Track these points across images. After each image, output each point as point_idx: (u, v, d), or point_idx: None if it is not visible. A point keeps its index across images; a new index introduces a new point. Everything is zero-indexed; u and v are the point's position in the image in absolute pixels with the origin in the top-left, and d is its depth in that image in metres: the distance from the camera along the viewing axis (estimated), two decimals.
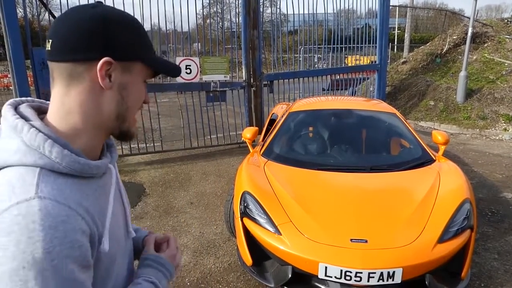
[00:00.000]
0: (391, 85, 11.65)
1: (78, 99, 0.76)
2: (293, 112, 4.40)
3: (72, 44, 0.73)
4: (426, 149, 3.81)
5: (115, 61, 0.75)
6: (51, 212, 0.66)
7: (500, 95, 9.14)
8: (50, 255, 0.63)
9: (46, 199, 0.66)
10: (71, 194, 0.71)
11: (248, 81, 7.18)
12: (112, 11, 0.78)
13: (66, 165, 0.72)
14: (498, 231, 3.99)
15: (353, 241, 2.61)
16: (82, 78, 0.75)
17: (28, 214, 0.64)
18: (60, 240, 0.65)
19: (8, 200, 0.65)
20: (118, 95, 0.79)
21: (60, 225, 0.66)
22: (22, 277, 0.62)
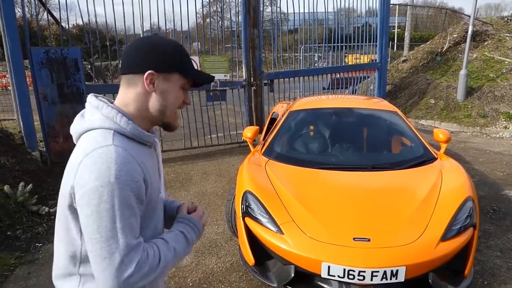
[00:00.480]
0: (391, 83, 11.64)
1: (133, 96, 1.14)
2: (294, 111, 4.38)
3: (132, 62, 1.13)
4: (427, 147, 3.79)
5: (157, 73, 1.12)
6: (121, 154, 1.01)
7: (500, 93, 9.12)
8: (119, 180, 0.98)
9: (119, 147, 1.03)
10: (133, 149, 1.07)
11: (248, 80, 7.16)
12: (160, 39, 1.19)
13: (129, 131, 1.09)
14: (500, 228, 3.98)
15: (356, 240, 2.60)
16: (137, 84, 1.13)
17: (108, 152, 1.00)
18: (126, 172, 1.00)
19: (95, 145, 1.02)
20: (160, 97, 1.14)
21: (127, 163, 1.01)
22: (100, 192, 0.97)
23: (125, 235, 1.00)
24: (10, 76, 5.45)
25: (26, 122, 5.52)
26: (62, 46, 5.72)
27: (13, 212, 4.04)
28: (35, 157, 5.42)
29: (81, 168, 1.00)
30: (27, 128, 5.54)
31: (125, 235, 1.00)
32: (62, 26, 6.02)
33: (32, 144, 5.56)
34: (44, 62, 5.36)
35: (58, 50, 5.46)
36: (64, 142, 5.62)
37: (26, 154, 5.39)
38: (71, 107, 5.58)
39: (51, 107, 5.51)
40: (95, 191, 0.97)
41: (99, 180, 0.97)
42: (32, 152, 5.48)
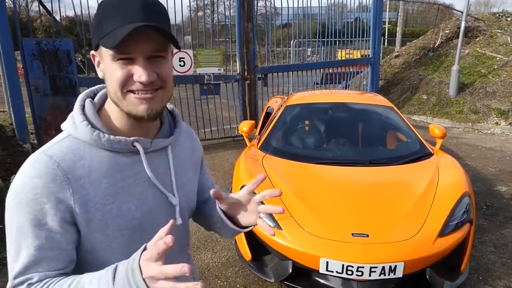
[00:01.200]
0: (384, 78, 11.67)
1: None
2: (290, 105, 4.36)
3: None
4: (423, 143, 3.80)
5: (95, 51, 0.87)
6: (36, 165, 0.83)
7: (492, 89, 9.21)
8: (16, 199, 0.82)
9: (44, 155, 0.84)
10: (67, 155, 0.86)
11: (242, 74, 7.12)
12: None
13: (83, 135, 0.87)
14: (493, 224, 4.02)
15: (354, 235, 2.59)
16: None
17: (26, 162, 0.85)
18: (29, 190, 0.81)
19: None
20: (106, 81, 0.87)
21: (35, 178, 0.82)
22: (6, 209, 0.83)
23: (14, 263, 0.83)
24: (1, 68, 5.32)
25: (17, 114, 5.42)
26: (54, 38, 5.61)
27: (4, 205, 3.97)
28: (27, 149, 5.32)
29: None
30: (19, 120, 5.44)
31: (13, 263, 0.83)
32: (54, 17, 5.89)
33: (23, 136, 5.46)
34: (36, 54, 5.25)
35: (50, 42, 5.35)
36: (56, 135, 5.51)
37: (17, 146, 5.29)
38: (64, 99, 5.48)
39: (43, 99, 5.40)
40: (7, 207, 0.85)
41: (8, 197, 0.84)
42: (23, 145, 5.38)
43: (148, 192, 0.93)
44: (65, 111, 5.55)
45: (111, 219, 0.86)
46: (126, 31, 0.76)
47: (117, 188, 0.87)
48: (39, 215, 0.80)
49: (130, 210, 0.89)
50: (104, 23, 0.81)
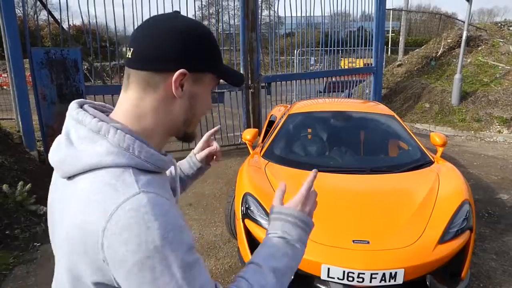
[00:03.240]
0: (386, 87, 11.74)
1: (152, 104, 0.81)
2: (293, 114, 4.42)
3: (153, 55, 0.78)
4: (424, 151, 3.85)
5: (189, 73, 0.80)
6: (158, 203, 0.71)
7: (494, 97, 9.25)
8: (167, 240, 0.69)
9: (149, 193, 0.72)
10: (160, 188, 0.77)
11: (246, 82, 7.20)
12: (189, 23, 0.83)
13: (152, 163, 0.78)
14: (495, 232, 4.04)
15: (355, 242, 2.64)
16: (158, 86, 0.80)
17: (141, 207, 0.69)
18: (172, 226, 0.71)
19: (116, 199, 0.70)
20: (188, 103, 0.83)
21: (168, 213, 0.72)
22: (149, 266, 0.68)
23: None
24: (9, 76, 5.43)
25: (25, 122, 5.52)
26: (62, 47, 5.73)
27: (11, 212, 4.04)
28: (33, 156, 5.41)
29: (110, 239, 0.69)
30: (26, 128, 5.54)
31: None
32: (62, 26, 6.02)
33: (30, 143, 5.56)
34: (44, 62, 5.36)
35: (58, 51, 5.46)
36: None
37: (24, 153, 5.38)
38: None
39: (50, 107, 5.51)
40: (142, 266, 0.68)
41: (141, 251, 0.68)
42: (30, 152, 5.47)
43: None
44: None
45: None
46: (239, 78, 0.93)
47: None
48: (189, 241, 0.75)
49: None
50: (218, 57, 0.87)
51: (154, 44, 0.79)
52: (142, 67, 0.79)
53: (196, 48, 0.81)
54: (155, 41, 0.79)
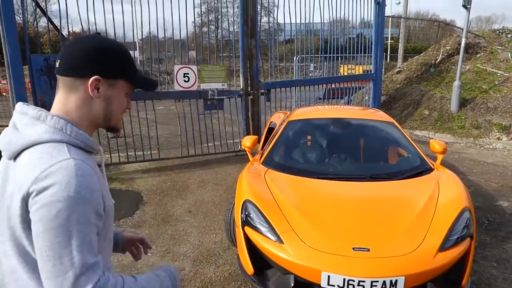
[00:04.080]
0: (386, 94, 11.77)
1: (76, 103, 1.05)
2: (292, 120, 4.42)
3: (73, 65, 1.04)
4: (424, 158, 3.84)
5: (103, 79, 1.04)
6: (81, 167, 0.94)
7: (493, 104, 9.27)
8: (79, 195, 0.91)
9: (77, 160, 0.95)
10: (87, 160, 1.00)
11: (245, 89, 7.21)
12: (104, 42, 1.09)
13: (81, 141, 1.02)
14: (495, 239, 4.02)
15: (355, 249, 2.62)
16: (78, 89, 1.04)
17: (68, 166, 0.93)
18: (86, 187, 0.93)
19: (50, 160, 0.93)
20: (105, 103, 1.08)
21: (87, 176, 0.94)
22: (56, 207, 0.89)
23: (81, 253, 0.91)
24: (9, 82, 5.43)
25: None
26: None
27: None
28: None
29: (37, 184, 0.90)
30: None
31: (81, 253, 0.91)
32: (62, 33, 6.03)
33: None
34: (44, 69, 5.37)
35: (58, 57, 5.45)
36: None
37: None
38: None
39: None
40: (51, 206, 0.89)
41: (57, 195, 0.89)
42: None
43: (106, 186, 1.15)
44: None
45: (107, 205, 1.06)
46: (152, 83, 1.19)
47: (102, 181, 1.07)
48: (97, 207, 0.97)
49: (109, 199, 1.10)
50: (133, 67, 1.12)
51: (75, 56, 1.04)
52: (67, 74, 1.04)
53: (109, 59, 1.06)
54: (76, 54, 1.04)
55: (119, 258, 3.57)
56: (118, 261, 3.46)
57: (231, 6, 7.86)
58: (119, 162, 6.42)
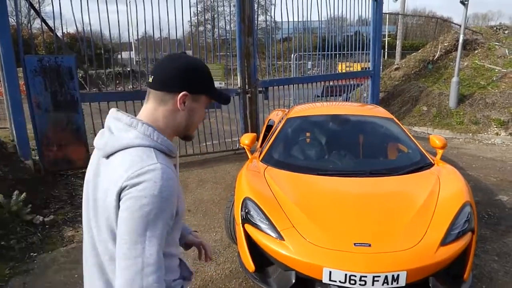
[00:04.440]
0: (384, 91, 11.76)
1: (163, 113, 1.21)
2: (291, 118, 4.40)
3: (165, 81, 1.20)
4: (424, 153, 3.83)
5: (189, 94, 1.20)
6: (166, 172, 1.09)
7: (491, 100, 9.26)
8: (161, 195, 1.06)
9: (163, 165, 1.10)
10: (170, 165, 1.15)
11: (243, 87, 7.19)
12: (191, 61, 1.25)
13: (165, 147, 1.17)
14: (495, 233, 4.01)
15: (356, 245, 2.60)
16: (168, 102, 1.20)
17: (156, 169, 1.08)
18: (168, 189, 1.07)
19: (141, 163, 1.09)
20: (188, 114, 1.23)
21: (169, 181, 1.08)
22: (141, 201, 1.04)
23: (153, 245, 1.05)
24: (3, 84, 5.38)
25: (19, 131, 5.44)
26: (56, 54, 5.69)
27: (7, 222, 3.98)
28: (28, 165, 5.35)
29: (129, 181, 1.07)
30: (20, 137, 5.47)
31: (152, 245, 1.05)
32: (56, 34, 5.99)
33: (25, 152, 5.49)
34: (38, 70, 5.32)
35: (52, 58, 5.42)
36: (58, 151, 5.56)
37: (19, 163, 5.32)
38: (65, 116, 5.53)
39: (44, 115, 5.45)
40: (138, 199, 1.05)
41: (144, 192, 1.05)
42: (25, 161, 5.41)
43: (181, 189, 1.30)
44: (67, 127, 5.60)
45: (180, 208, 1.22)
46: (226, 98, 1.34)
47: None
48: (173, 209, 1.12)
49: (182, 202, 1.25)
50: (212, 84, 1.28)
51: (167, 74, 1.20)
52: (159, 89, 1.20)
53: (195, 78, 1.22)
54: (167, 72, 1.20)
55: None
56: None
57: (227, 5, 7.85)
58: None
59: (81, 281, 3.20)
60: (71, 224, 4.30)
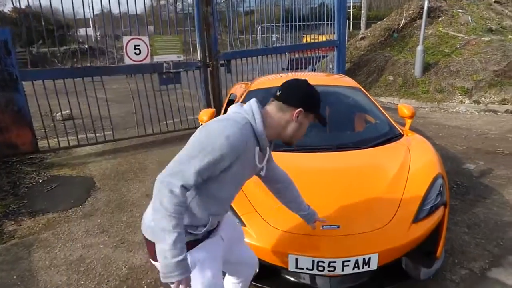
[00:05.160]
0: (350, 61, 11.58)
1: (278, 119, 1.59)
2: (253, 90, 4.08)
3: (289, 97, 1.59)
4: (393, 123, 3.63)
5: (304, 111, 1.59)
6: (242, 130, 1.48)
7: (455, 68, 9.26)
8: (226, 138, 1.42)
9: (244, 128, 1.50)
10: (250, 140, 1.53)
11: (203, 60, 6.75)
12: (310, 88, 1.64)
13: (259, 130, 1.53)
14: (464, 203, 3.93)
15: (324, 227, 2.38)
16: (286, 112, 1.59)
17: (237, 124, 1.49)
18: (234, 140, 1.44)
19: (234, 117, 1.52)
20: (297, 126, 1.61)
21: (239, 137, 1.46)
22: (208, 133, 1.48)
23: (191, 169, 1.41)
24: None
25: None
26: None
27: None
28: None
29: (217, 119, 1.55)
30: None
31: (192, 168, 1.41)
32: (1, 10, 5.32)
33: None
34: None
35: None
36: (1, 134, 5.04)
37: None
38: (3, 96, 4.97)
39: None
40: (208, 131, 1.46)
41: (216, 129, 1.45)
42: None
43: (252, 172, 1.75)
44: (7, 109, 5.03)
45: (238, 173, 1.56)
46: (324, 120, 1.73)
47: (250, 164, 1.61)
48: (223, 158, 1.43)
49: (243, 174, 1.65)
50: (318, 106, 1.67)
51: (291, 92, 1.60)
52: (282, 101, 1.59)
53: (311, 100, 1.62)
54: (293, 90, 1.61)
55: (66, 254, 3.20)
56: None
57: None
58: (69, 146, 5.88)
59: (19, 282, 2.83)
60: (13, 217, 3.87)
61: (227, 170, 1.48)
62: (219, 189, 1.56)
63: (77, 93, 5.66)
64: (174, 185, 1.37)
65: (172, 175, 1.40)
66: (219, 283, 1.71)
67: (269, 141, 1.61)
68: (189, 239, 1.55)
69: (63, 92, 5.57)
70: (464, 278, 2.76)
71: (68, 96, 5.63)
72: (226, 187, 1.59)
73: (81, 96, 5.80)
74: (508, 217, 3.61)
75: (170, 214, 1.36)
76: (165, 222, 1.36)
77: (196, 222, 1.58)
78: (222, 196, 1.61)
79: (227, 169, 1.47)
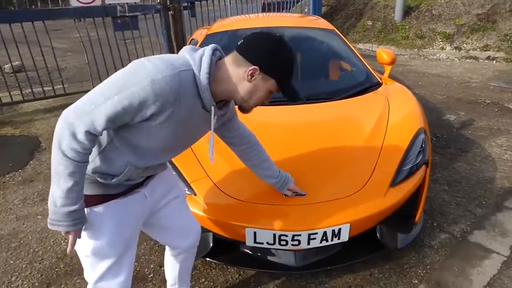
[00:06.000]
0: (327, 5, 10.87)
1: (230, 74, 1.29)
2: (212, 34, 3.54)
3: (249, 50, 1.28)
4: (370, 71, 3.21)
5: (261, 71, 1.27)
6: (176, 77, 1.18)
7: (437, 11, 8.74)
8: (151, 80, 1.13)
9: (181, 75, 1.19)
10: (188, 90, 1.23)
11: (163, 3, 6.02)
12: (283, 48, 1.30)
13: (202, 82, 1.24)
14: (445, 158, 3.64)
15: (287, 196, 2.02)
16: (240, 67, 1.28)
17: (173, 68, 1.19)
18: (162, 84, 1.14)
19: (175, 59, 1.23)
20: (250, 88, 1.30)
21: (170, 83, 1.16)
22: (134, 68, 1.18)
23: (102, 113, 1.13)
24: None
25: None
26: None
27: None
28: None
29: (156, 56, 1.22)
30: None
31: (103, 111, 1.13)
32: None
33: None
34: None
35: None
36: None
37: None
38: None
39: None
40: (137, 68, 1.17)
41: (145, 68, 1.15)
42: None
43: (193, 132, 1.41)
44: None
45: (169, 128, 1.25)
46: (294, 95, 1.39)
47: (188, 120, 1.29)
48: (147, 104, 1.15)
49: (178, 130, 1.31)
50: (290, 77, 1.35)
51: (254, 45, 1.30)
52: (240, 52, 1.28)
53: (276, 62, 1.28)
54: (256, 43, 1.30)
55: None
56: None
57: None
58: (12, 101, 5.24)
59: None
60: None
61: (150, 120, 1.19)
62: (140, 139, 1.27)
63: (29, 43, 4.98)
64: (77, 128, 1.13)
65: (78, 115, 1.13)
66: (114, 253, 1.38)
67: (219, 100, 1.34)
68: (99, 192, 1.33)
69: (12, 43, 4.89)
70: (444, 243, 2.49)
71: (18, 46, 4.95)
72: (152, 139, 1.27)
73: (35, 47, 5.10)
74: (490, 172, 3.35)
75: (67, 159, 1.14)
76: (62, 167, 1.15)
77: (110, 170, 1.31)
78: (145, 146, 1.29)
79: (150, 120, 1.19)
